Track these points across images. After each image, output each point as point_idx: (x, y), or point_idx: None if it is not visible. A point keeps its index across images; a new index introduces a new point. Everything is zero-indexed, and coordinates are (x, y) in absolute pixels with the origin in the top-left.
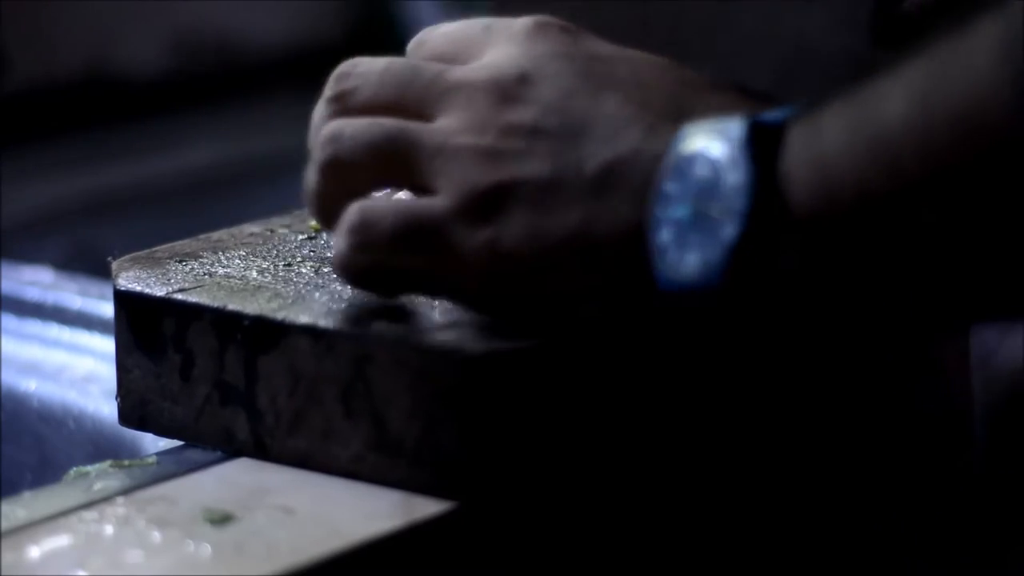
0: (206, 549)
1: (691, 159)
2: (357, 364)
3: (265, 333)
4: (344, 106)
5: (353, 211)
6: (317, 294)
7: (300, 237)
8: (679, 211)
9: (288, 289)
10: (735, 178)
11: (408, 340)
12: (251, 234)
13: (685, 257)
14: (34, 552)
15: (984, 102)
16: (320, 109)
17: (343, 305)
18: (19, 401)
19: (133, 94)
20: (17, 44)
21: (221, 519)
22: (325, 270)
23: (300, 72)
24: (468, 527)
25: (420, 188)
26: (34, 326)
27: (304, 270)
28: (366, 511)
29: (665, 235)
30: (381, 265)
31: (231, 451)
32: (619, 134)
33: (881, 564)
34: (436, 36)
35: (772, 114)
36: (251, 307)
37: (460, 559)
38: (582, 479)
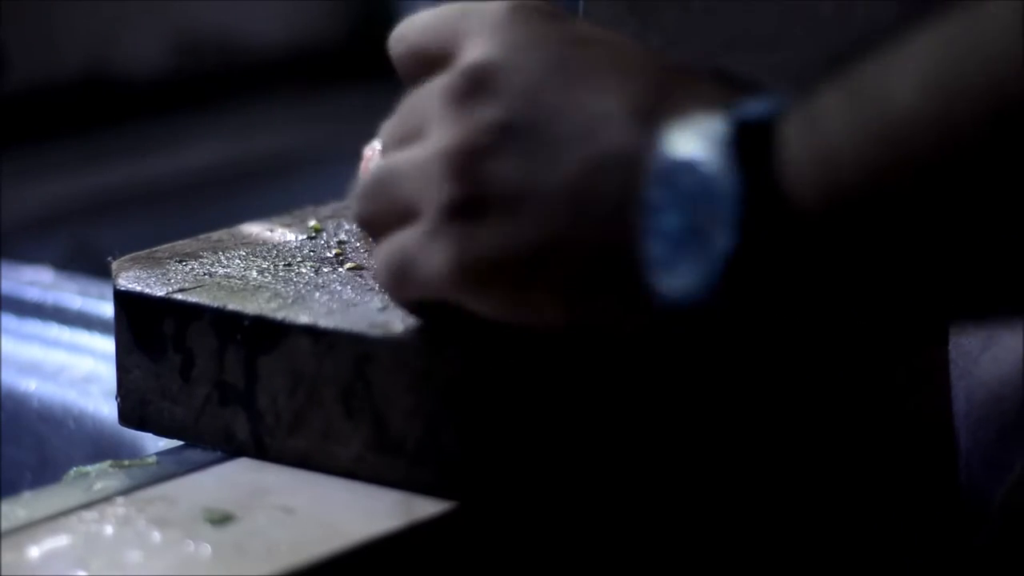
0: (206, 549)
1: (676, 166)
2: (357, 364)
3: (265, 333)
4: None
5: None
6: (317, 294)
7: (300, 237)
8: (668, 222)
9: (288, 289)
10: (725, 185)
11: (408, 340)
12: (251, 234)
13: (679, 270)
14: (34, 552)
15: (1007, 82)
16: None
17: (343, 305)
18: (19, 401)
19: (133, 94)
20: (17, 44)
21: (221, 519)
22: (325, 270)
23: (300, 72)
24: (468, 527)
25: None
26: (34, 326)
27: (304, 270)
28: (366, 511)
29: (656, 247)
30: (410, 304)
31: (231, 451)
32: (595, 131)
33: (865, 569)
34: (413, 30)
35: (756, 107)
36: (251, 307)
37: (460, 559)
38: (582, 479)
